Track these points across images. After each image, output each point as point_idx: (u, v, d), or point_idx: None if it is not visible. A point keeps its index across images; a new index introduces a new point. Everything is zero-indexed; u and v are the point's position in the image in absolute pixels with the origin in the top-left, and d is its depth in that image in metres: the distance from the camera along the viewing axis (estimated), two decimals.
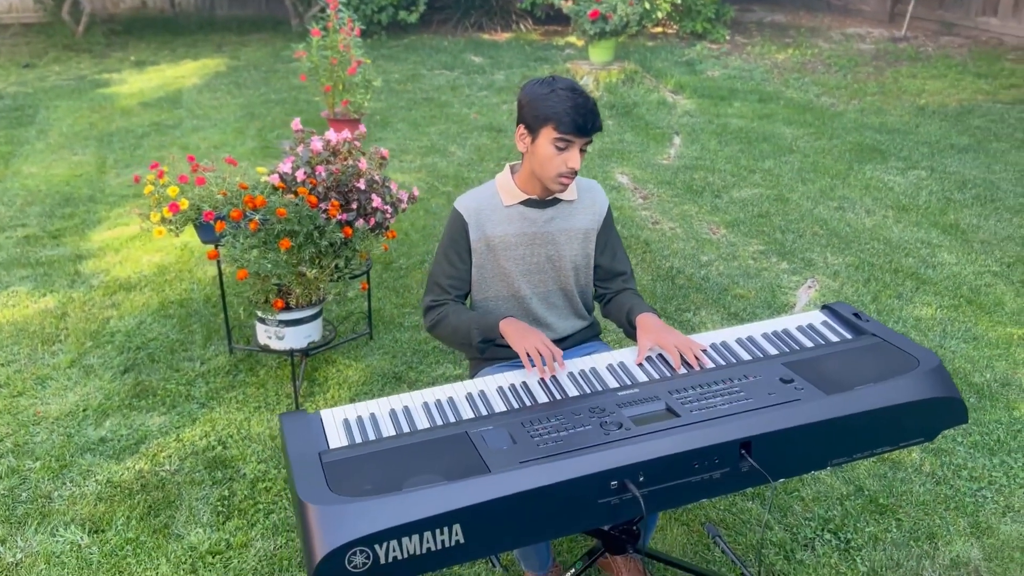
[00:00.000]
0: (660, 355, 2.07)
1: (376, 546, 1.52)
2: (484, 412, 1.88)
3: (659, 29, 11.57)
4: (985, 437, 3.01)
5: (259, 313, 3.09)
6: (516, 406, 1.90)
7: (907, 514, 2.65)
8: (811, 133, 6.98)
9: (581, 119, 2.03)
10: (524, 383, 1.98)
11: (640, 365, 2.04)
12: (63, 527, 2.61)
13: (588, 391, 1.94)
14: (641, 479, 1.68)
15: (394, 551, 1.54)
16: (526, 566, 2.33)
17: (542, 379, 1.98)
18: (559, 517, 1.65)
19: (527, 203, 2.22)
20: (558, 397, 1.92)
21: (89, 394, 3.30)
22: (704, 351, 2.05)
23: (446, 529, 1.57)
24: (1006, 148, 6.58)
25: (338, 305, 4.02)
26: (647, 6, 8.16)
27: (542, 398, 1.93)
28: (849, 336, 2.14)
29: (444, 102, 8.22)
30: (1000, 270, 4.39)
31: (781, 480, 1.89)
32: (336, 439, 1.79)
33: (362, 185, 3.19)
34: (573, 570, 2.18)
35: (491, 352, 2.25)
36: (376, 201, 3.19)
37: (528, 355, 1.98)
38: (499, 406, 1.90)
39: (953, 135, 6.94)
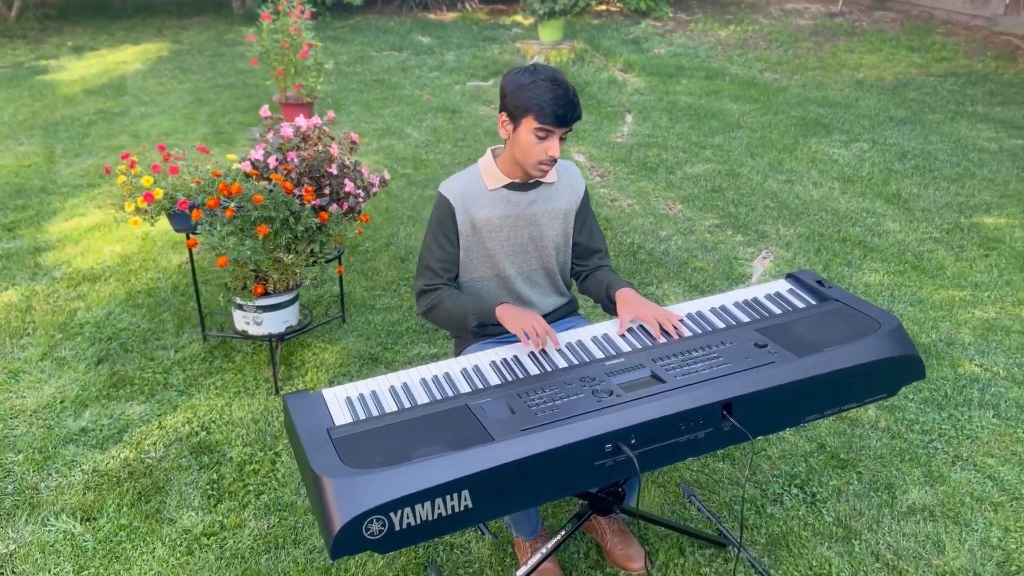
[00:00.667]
0: (640, 326, 2.19)
1: (391, 514, 1.61)
2: (480, 385, 1.97)
3: (603, 7, 11.68)
4: (934, 393, 3.22)
5: (237, 299, 3.12)
6: (509, 379, 2.00)
7: (866, 467, 2.84)
8: (757, 109, 7.19)
9: (561, 111, 2.12)
10: (515, 357, 2.08)
11: (623, 336, 2.16)
12: (54, 517, 2.64)
13: (576, 362, 2.05)
14: (633, 441, 1.80)
15: (408, 518, 1.63)
16: (517, 532, 2.44)
17: (532, 353, 2.08)
18: (559, 479, 1.76)
19: (510, 186, 2.31)
20: (548, 369, 2.03)
21: (65, 386, 3.30)
22: (681, 321, 2.17)
23: (455, 495, 1.66)
24: (941, 119, 6.88)
25: (314, 289, 4.06)
26: None
27: (533, 370, 2.03)
28: (814, 302, 2.29)
29: (395, 84, 8.21)
30: (940, 236, 4.63)
31: (760, 437, 2.02)
32: (341, 416, 1.87)
33: (334, 170, 3.24)
34: (563, 532, 2.29)
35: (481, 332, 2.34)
36: (348, 186, 3.24)
37: (525, 334, 2.08)
38: (494, 379, 2.00)
39: (891, 108, 7.22)
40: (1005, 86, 7.99)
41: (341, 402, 1.92)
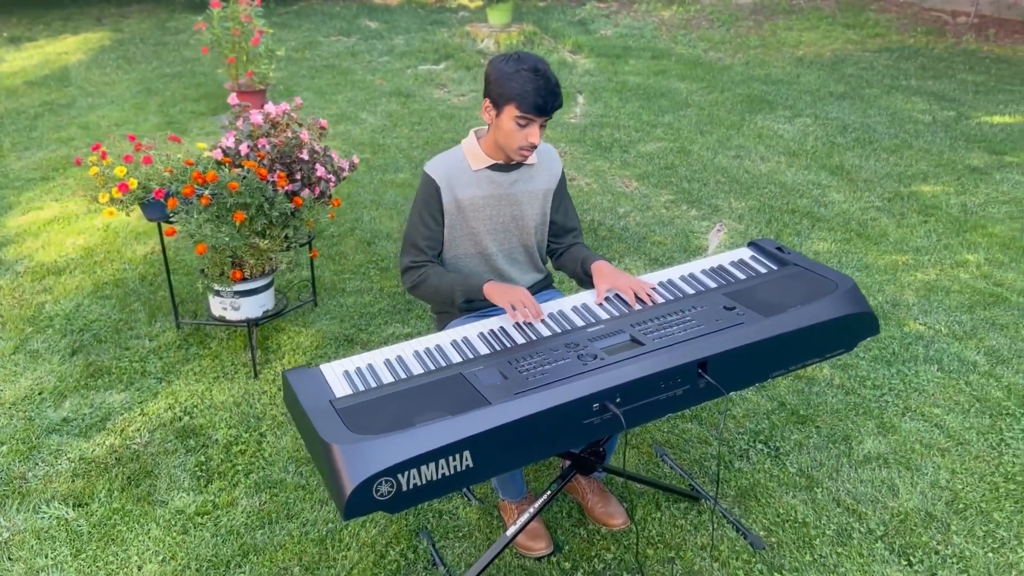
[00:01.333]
0: (616, 295, 2.32)
1: (399, 475, 1.72)
2: (471, 355, 2.08)
3: None
4: (883, 351, 3.44)
5: (214, 286, 3.17)
6: (498, 348, 2.11)
7: (824, 421, 3.03)
8: (703, 87, 7.38)
9: (542, 101, 2.22)
10: (502, 327, 2.20)
11: (601, 305, 2.29)
12: (45, 504, 2.68)
13: (559, 331, 2.17)
14: (618, 400, 1.93)
15: (414, 478, 1.74)
16: (504, 494, 2.57)
17: (517, 323, 2.20)
18: (551, 438, 1.89)
19: (493, 167, 2.41)
20: (534, 338, 2.15)
21: (41, 378, 3.31)
22: (654, 289, 2.31)
23: (457, 456, 1.78)
24: (877, 94, 7.16)
25: (289, 272, 4.11)
26: None
27: (520, 340, 2.15)
28: (775, 267, 2.45)
29: (346, 69, 8.21)
30: (882, 205, 4.87)
31: (733, 392, 2.18)
32: (340, 389, 1.96)
33: (305, 155, 3.30)
34: (549, 492, 2.43)
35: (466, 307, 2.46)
36: (320, 170, 3.31)
37: (513, 307, 2.19)
38: (483, 349, 2.11)
39: (830, 83, 7.48)
40: (935, 60, 8.33)
41: (339, 375, 2.02)
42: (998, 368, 3.33)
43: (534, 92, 2.20)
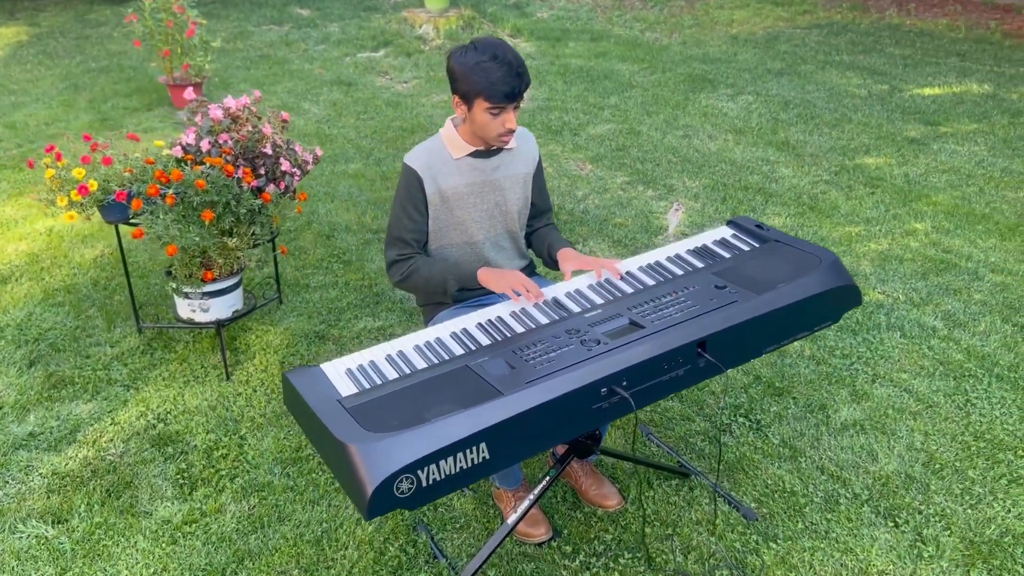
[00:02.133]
0: (608, 280, 2.33)
1: (419, 471, 1.70)
2: (472, 347, 2.07)
3: None
4: (847, 321, 3.55)
5: (184, 288, 3.08)
6: (499, 338, 2.10)
7: (800, 392, 3.11)
8: (645, 68, 7.45)
9: (508, 88, 2.20)
10: (499, 317, 2.19)
11: (592, 288, 2.30)
12: (21, 523, 2.57)
13: (557, 317, 2.18)
14: (624, 383, 1.95)
15: (433, 473, 1.73)
16: (501, 483, 2.57)
17: (514, 312, 2.20)
18: (563, 425, 1.89)
19: (474, 155, 2.39)
20: (532, 326, 2.15)
21: (0, 392, 3.17)
22: (640, 269, 2.34)
23: (474, 448, 1.77)
24: (812, 69, 7.34)
25: (260, 271, 4.01)
26: None
27: (519, 328, 2.15)
28: (756, 244, 2.50)
29: (282, 59, 8.02)
30: (830, 178, 5.01)
31: (730, 369, 2.22)
32: (345, 387, 1.93)
33: (268, 150, 3.21)
34: (547, 478, 2.44)
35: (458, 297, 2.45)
36: (284, 164, 3.23)
37: (516, 292, 2.20)
38: (484, 340, 2.10)
39: (767, 60, 7.64)
40: (863, 35, 8.57)
41: (341, 374, 1.98)
42: (955, 332, 3.47)
43: (499, 81, 2.19)
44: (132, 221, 3.09)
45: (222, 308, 3.21)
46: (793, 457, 2.79)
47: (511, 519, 2.40)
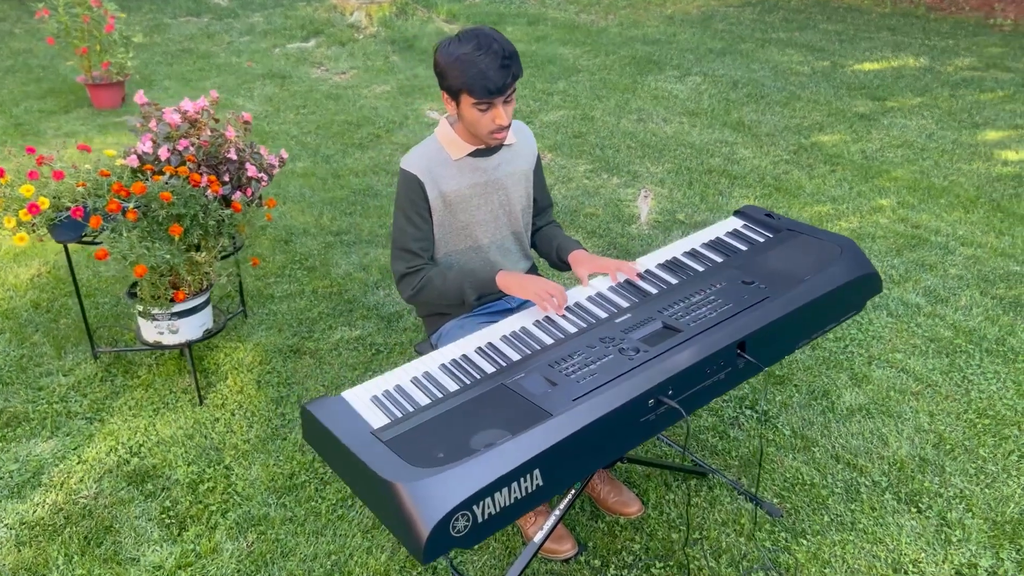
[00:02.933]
0: (627, 281, 2.22)
1: (474, 507, 1.56)
2: (502, 363, 1.93)
3: None
4: None
5: (152, 309, 2.83)
6: (528, 351, 1.97)
7: (801, 380, 3.07)
8: (587, 51, 7.36)
9: (492, 83, 2.02)
10: (523, 328, 2.05)
11: (613, 291, 2.18)
12: None
13: (585, 325, 2.05)
14: (670, 392, 1.84)
15: (488, 507, 1.59)
16: None
17: (538, 321, 2.06)
18: (612, 441, 1.77)
19: (475, 154, 2.24)
20: (561, 336, 2.02)
21: None
22: (659, 266, 2.23)
23: (528, 476, 1.64)
24: (752, 47, 7.38)
25: (231, 286, 3.75)
26: None
27: (546, 339, 2.01)
28: (770, 235, 2.42)
29: (206, 52, 7.63)
30: (790, 157, 5.01)
31: (767, 368, 2.13)
32: (375, 418, 1.77)
33: (233, 155, 2.98)
34: (572, 492, 2.32)
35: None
36: (251, 170, 3.01)
37: (542, 298, 2.07)
38: (513, 354, 1.96)
39: (706, 40, 7.64)
40: (795, 12, 8.68)
41: (367, 402, 1.82)
42: (939, 307, 3.49)
43: (482, 74, 2.01)
44: (84, 239, 2.82)
45: (193, 328, 2.97)
46: (806, 447, 2.74)
47: (538, 537, 2.27)
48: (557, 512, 2.29)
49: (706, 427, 2.86)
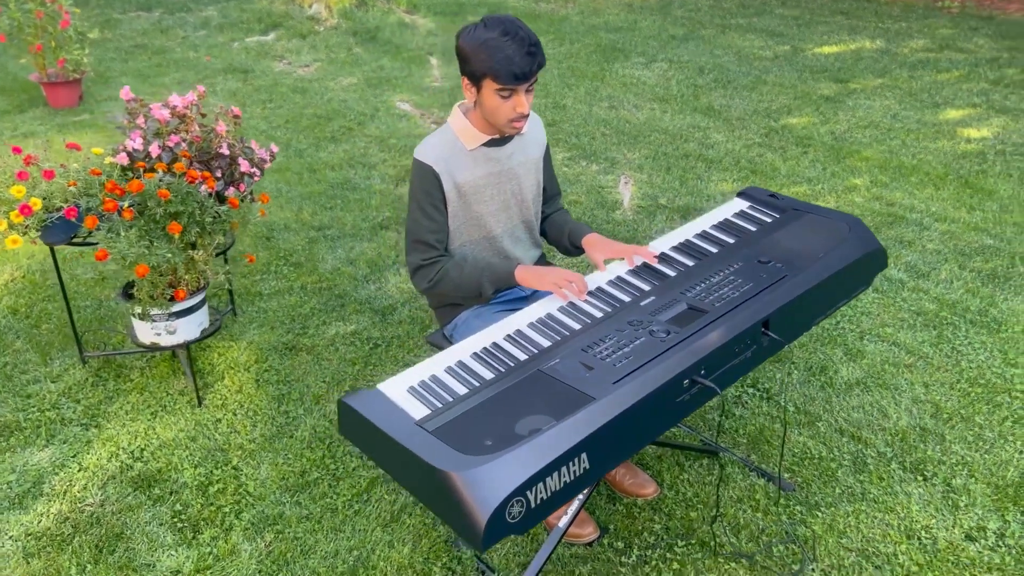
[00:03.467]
0: (645, 264, 2.24)
1: (527, 492, 1.57)
2: (534, 350, 1.93)
3: None
4: None
5: (151, 310, 2.76)
6: (557, 337, 1.97)
7: (798, 357, 3.13)
8: (552, 40, 7.36)
9: (518, 69, 2.03)
10: (549, 314, 2.06)
11: (632, 275, 2.20)
12: None
13: (610, 309, 2.06)
14: (703, 372, 1.87)
15: (540, 492, 1.60)
16: None
17: (563, 307, 2.07)
18: (651, 422, 1.79)
19: (489, 143, 2.23)
20: (588, 321, 2.03)
21: None
22: (673, 249, 2.26)
23: (576, 460, 1.65)
24: (713, 33, 7.46)
25: (229, 284, 3.66)
26: None
27: (573, 324, 2.02)
28: (776, 215, 2.46)
29: (162, 48, 7.45)
30: (762, 140, 5.09)
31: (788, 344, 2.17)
32: (415, 409, 1.76)
33: (225, 150, 2.92)
34: None
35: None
36: (244, 165, 2.95)
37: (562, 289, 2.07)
38: (543, 341, 1.97)
39: (668, 27, 7.71)
40: None
41: (405, 394, 1.81)
42: (921, 282, 3.59)
43: (508, 60, 2.02)
44: (75, 241, 2.74)
45: (191, 328, 2.91)
46: (810, 423, 2.80)
47: (562, 522, 2.28)
48: (580, 497, 2.31)
49: (712, 406, 2.91)
